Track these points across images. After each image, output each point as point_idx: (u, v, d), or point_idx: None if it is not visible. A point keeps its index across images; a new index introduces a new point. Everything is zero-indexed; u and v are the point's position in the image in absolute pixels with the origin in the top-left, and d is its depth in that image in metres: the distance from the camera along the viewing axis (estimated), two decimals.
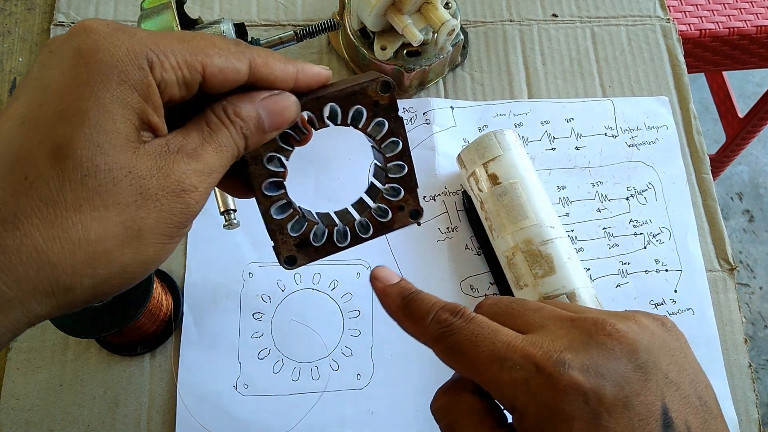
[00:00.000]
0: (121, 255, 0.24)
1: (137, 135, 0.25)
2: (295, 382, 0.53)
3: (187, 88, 0.26)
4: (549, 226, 0.52)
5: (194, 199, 0.26)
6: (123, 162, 0.24)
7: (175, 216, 0.26)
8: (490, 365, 0.27)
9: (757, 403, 0.55)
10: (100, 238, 0.23)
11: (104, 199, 0.23)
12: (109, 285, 0.25)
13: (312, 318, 0.55)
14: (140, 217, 0.24)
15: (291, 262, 0.33)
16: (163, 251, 0.26)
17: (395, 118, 0.33)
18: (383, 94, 0.33)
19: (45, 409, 0.50)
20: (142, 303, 0.45)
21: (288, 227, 0.33)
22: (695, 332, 0.56)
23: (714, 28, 0.95)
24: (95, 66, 0.24)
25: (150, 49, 0.25)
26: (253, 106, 0.28)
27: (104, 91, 0.23)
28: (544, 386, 0.26)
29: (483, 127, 0.63)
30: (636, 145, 0.63)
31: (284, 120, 0.29)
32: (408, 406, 0.53)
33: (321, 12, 0.67)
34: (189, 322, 0.53)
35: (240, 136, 0.28)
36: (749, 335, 1.51)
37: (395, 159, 0.34)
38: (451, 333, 0.30)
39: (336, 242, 0.34)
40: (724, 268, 0.59)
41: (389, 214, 0.35)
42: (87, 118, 0.23)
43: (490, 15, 0.68)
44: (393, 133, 0.33)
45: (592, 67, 0.66)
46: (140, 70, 0.24)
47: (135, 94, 0.24)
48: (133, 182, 0.24)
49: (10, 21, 0.65)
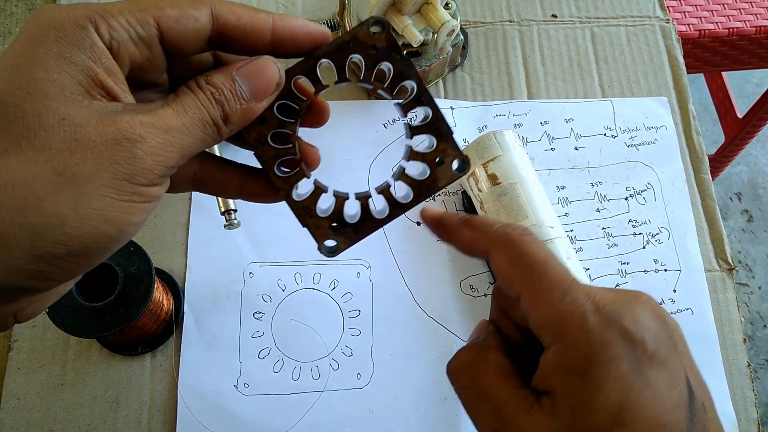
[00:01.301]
0: (56, 203, 0.22)
1: (81, 90, 0.24)
2: (295, 382, 0.53)
3: (147, 46, 0.26)
4: (548, 226, 0.52)
5: (143, 151, 0.24)
6: (55, 108, 0.23)
7: (119, 165, 0.23)
8: (552, 291, 0.29)
9: (755, 403, 0.55)
10: (27, 182, 0.22)
11: (32, 144, 0.22)
12: (51, 241, 0.23)
13: (312, 318, 0.55)
14: (74, 162, 0.23)
15: (332, 249, 0.30)
16: (111, 206, 0.24)
17: (401, 59, 0.29)
18: (377, 34, 0.29)
19: (46, 409, 0.50)
20: (143, 302, 0.45)
21: (316, 208, 0.29)
22: (694, 332, 0.56)
23: (713, 29, 0.96)
24: (34, 29, 0.24)
25: (94, 11, 0.24)
26: (227, 74, 0.27)
27: (39, 47, 0.24)
28: (600, 326, 0.27)
29: (483, 128, 0.63)
30: (635, 145, 0.63)
31: (265, 82, 0.28)
32: (408, 405, 0.53)
33: (321, 12, 0.67)
34: (190, 322, 0.53)
35: (212, 102, 0.26)
36: (748, 335, 1.51)
37: (414, 105, 0.30)
38: (525, 241, 0.30)
39: (375, 216, 0.30)
40: (723, 268, 0.59)
41: (427, 171, 0.30)
42: (18, 71, 0.23)
43: (490, 15, 0.68)
44: (402, 75, 0.29)
45: (591, 67, 0.67)
46: (80, 29, 0.24)
47: (77, 51, 0.24)
48: (67, 129, 0.23)
49: (10, 21, 0.65)
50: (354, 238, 0.30)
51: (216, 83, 0.27)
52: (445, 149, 0.30)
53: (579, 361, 0.27)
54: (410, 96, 0.30)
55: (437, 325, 0.55)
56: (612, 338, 0.27)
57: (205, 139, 0.26)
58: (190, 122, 0.26)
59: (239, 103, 0.27)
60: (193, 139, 0.26)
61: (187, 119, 0.26)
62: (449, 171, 0.30)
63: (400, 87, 0.30)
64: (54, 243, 0.23)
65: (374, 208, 0.30)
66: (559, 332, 0.28)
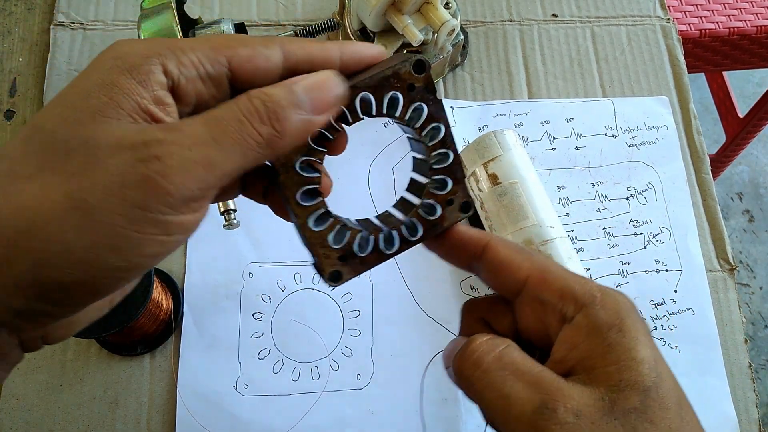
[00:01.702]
0: (60, 228, 0.21)
1: (120, 114, 0.23)
2: (295, 382, 0.53)
3: (214, 83, 0.25)
4: (549, 226, 0.52)
5: (157, 172, 0.22)
6: (81, 132, 0.22)
7: (129, 190, 0.21)
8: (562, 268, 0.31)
9: (757, 403, 0.55)
10: (39, 205, 0.21)
11: (54, 168, 0.22)
12: (54, 268, 0.21)
13: (312, 318, 0.55)
14: (85, 186, 0.21)
15: (336, 278, 0.30)
16: (120, 236, 0.22)
17: (434, 101, 0.30)
18: (417, 75, 0.29)
19: (45, 409, 0.50)
20: (142, 303, 0.45)
21: (329, 239, 0.29)
22: (695, 332, 0.56)
23: (714, 28, 0.95)
24: (96, 61, 0.24)
25: (166, 46, 0.24)
26: (285, 85, 0.25)
27: (91, 77, 0.23)
28: (616, 292, 0.30)
29: (483, 127, 0.63)
30: (636, 145, 0.63)
31: (327, 95, 0.26)
32: (408, 406, 0.53)
33: (321, 12, 0.67)
34: (189, 322, 0.53)
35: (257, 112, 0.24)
36: (749, 335, 1.51)
37: (438, 147, 0.31)
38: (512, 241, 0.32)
39: (383, 250, 0.31)
40: (724, 268, 0.59)
41: (437, 210, 0.31)
42: (63, 98, 0.23)
43: (490, 15, 0.68)
44: (433, 118, 0.30)
45: (592, 67, 0.66)
46: (143, 59, 0.24)
47: (129, 79, 0.23)
48: (87, 151, 0.22)
49: (10, 21, 0.65)
50: (359, 269, 0.30)
51: (270, 92, 0.25)
52: (456, 192, 0.32)
53: (612, 318, 0.28)
54: (437, 139, 0.31)
55: (437, 326, 0.55)
56: (630, 303, 0.30)
57: (247, 155, 0.24)
58: (221, 135, 0.23)
59: (298, 113, 0.25)
60: (226, 155, 0.23)
61: (218, 132, 0.23)
62: (455, 212, 0.32)
63: (432, 128, 0.30)
64: (57, 270, 0.22)
65: (383, 242, 0.31)
66: (585, 298, 0.29)
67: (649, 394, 0.27)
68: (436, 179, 0.31)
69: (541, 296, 0.30)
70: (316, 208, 0.29)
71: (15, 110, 0.61)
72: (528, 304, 0.31)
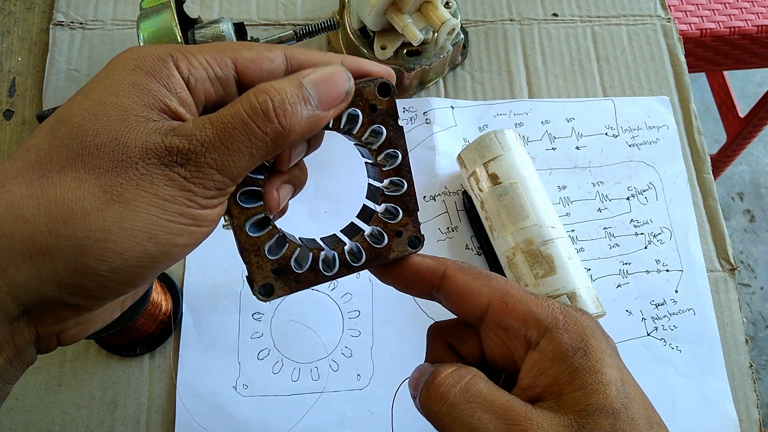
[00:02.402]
0: (102, 218, 0.23)
1: (149, 114, 0.24)
2: (294, 383, 0.52)
3: (222, 84, 0.26)
4: (549, 226, 0.52)
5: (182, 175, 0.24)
6: (111, 129, 0.24)
7: (157, 187, 0.24)
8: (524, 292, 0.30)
9: (758, 404, 0.54)
10: (77, 198, 0.23)
11: (86, 163, 0.23)
12: (94, 256, 0.23)
13: (312, 318, 0.55)
14: (120, 182, 0.23)
15: (267, 293, 0.28)
16: (157, 225, 0.24)
17: (394, 127, 0.29)
18: (382, 97, 0.29)
19: (44, 410, 0.50)
20: (141, 303, 0.45)
21: (265, 248, 0.28)
22: (696, 333, 0.56)
23: (715, 28, 0.95)
24: (116, 61, 0.26)
25: (176, 50, 0.26)
26: (293, 79, 0.26)
27: (116, 75, 0.25)
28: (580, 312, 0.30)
29: (483, 127, 0.63)
30: (637, 144, 0.63)
31: (335, 90, 0.27)
32: (408, 407, 0.52)
33: (321, 11, 0.67)
34: (188, 323, 0.53)
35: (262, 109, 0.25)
36: (750, 335, 1.51)
37: (393, 174, 0.30)
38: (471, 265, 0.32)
39: (321, 270, 0.29)
40: (725, 268, 0.59)
41: (385, 239, 0.30)
42: (91, 94, 0.25)
43: (491, 14, 0.68)
44: (391, 144, 0.29)
45: (592, 66, 0.66)
46: (161, 62, 0.25)
47: (153, 80, 0.25)
48: (116, 148, 0.23)
49: (9, 20, 0.65)
50: (294, 288, 0.29)
51: (278, 86, 0.25)
52: (406, 224, 0.31)
53: (576, 341, 0.28)
54: (393, 166, 0.30)
55: None
56: (594, 322, 0.30)
57: (254, 155, 0.25)
58: (229, 140, 0.24)
59: (305, 109, 0.26)
60: (236, 158, 0.25)
61: (225, 137, 0.24)
62: (403, 245, 0.31)
63: (388, 154, 0.29)
64: (97, 258, 0.23)
65: (324, 262, 0.30)
66: (548, 322, 0.29)
67: (619, 416, 0.27)
68: (387, 207, 0.30)
69: (504, 323, 0.30)
70: (256, 212, 0.28)
71: (14, 110, 0.61)
72: (491, 330, 0.31)
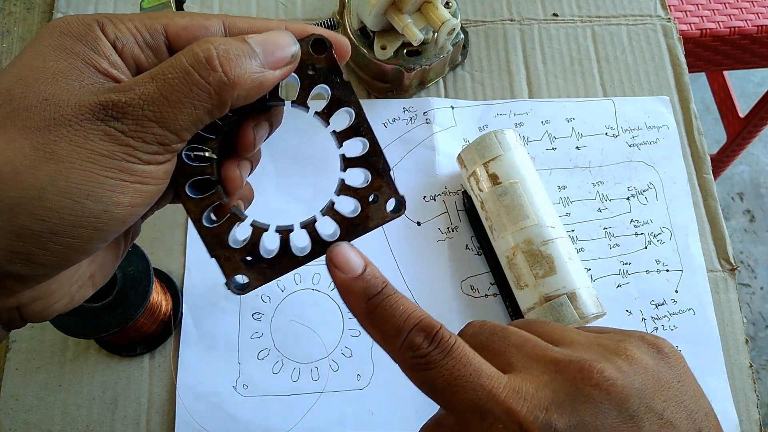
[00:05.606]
0: (34, 176, 0.22)
1: (79, 76, 0.24)
2: (294, 383, 0.52)
3: (153, 51, 0.26)
4: (549, 226, 0.52)
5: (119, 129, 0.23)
6: (41, 90, 0.23)
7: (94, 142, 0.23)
8: (470, 415, 0.25)
9: (758, 404, 0.54)
10: (7, 158, 0.22)
11: (15, 123, 0.23)
12: (27, 215, 0.22)
13: (312, 318, 0.55)
14: (52, 140, 0.23)
15: (241, 287, 0.27)
16: (94, 181, 0.23)
17: (340, 83, 0.27)
18: (317, 55, 0.27)
19: (44, 410, 0.50)
20: (142, 303, 0.45)
21: (228, 237, 0.26)
22: (696, 333, 0.56)
23: (715, 28, 0.95)
24: (44, 30, 0.25)
25: (103, 16, 0.25)
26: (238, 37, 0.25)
27: (42, 42, 0.25)
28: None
29: (483, 127, 0.63)
30: (637, 144, 0.63)
31: (281, 51, 0.26)
32: (408, 406, 0.52)
33: (321, 11, 0.67)
34: (188, 323, 0.53)
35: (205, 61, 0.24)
36: (750, 335, 1.51)
37: (350, 135, 0.27)
38: (426, 367, 0.26)
39: (294, 253, 0.27)
40: (725, 268, 0.59)
41: (359, 208, 0.28)
42: (19, 61, 0.25)
43: (491, 14, 0.68)
44: (340, 102, 0.27)
45: (592, 66, 0.66)
46: (86, 26, 0.25)
47: (79, 43, 0.24)
48: (47, 108, 0.23)
49: (9, 20, 0.65)
50: (268, 275, 0.27)
51: (221, 40, 0.25)
52: (380, 187, 0.27)
53: None
54: (347, 125, 0.27)
55: None
56: None
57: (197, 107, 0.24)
58: (169, 90, 0.24)
59: (251, 62, 0.25)
60: (177, 109, 0.24)
61: (165, 88, 0.24)
62: (383, 211, 0.28)
63: (339, 113, 0.27)
64: (31, 217, 0.22)
65: (295, 244, 0.27)
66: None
67: None
68: (354, 172, 0.27)
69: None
70: (210, 202, 0.26)
71: None
72: None
